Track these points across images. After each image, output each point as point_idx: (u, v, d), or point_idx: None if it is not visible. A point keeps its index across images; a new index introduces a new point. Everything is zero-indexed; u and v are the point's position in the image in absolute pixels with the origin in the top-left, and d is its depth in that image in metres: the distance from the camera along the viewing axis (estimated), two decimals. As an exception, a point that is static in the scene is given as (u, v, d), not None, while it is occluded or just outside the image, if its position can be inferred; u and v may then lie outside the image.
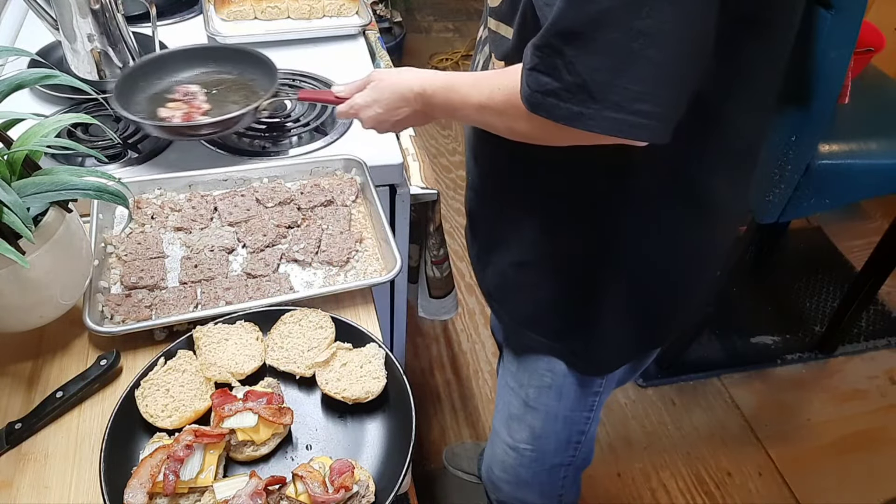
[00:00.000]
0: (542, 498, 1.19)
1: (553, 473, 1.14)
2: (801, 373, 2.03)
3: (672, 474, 1.77)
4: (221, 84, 1.12)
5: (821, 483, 1.76)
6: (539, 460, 1.11)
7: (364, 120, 0.91)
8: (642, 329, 0.92)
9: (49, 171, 0.73)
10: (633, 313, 0.89)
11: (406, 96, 0.84)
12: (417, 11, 3.61)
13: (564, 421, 1.05)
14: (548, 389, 1.01)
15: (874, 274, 1.85)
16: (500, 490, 1.21)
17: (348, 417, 0.76)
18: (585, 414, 1.05)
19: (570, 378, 0.98)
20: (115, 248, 0.92)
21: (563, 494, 1.19)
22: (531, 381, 1.03)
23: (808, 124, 1.44)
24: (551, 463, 1.12)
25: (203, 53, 1.15)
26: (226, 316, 0.82)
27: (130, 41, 1.24)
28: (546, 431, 1.07)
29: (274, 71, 1.08)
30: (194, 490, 0.66)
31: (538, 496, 1.19)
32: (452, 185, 2.61)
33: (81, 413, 0.76)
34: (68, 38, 1.17)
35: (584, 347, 0.93)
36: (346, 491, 0.65)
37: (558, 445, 1.09)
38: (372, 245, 0.97)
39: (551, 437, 1.08)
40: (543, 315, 0.93)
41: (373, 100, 0.88)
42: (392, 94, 0.86)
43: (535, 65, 0.62)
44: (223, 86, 1.12)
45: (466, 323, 2.15)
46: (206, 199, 1.00)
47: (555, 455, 1.11)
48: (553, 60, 0.61)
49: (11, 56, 0.79)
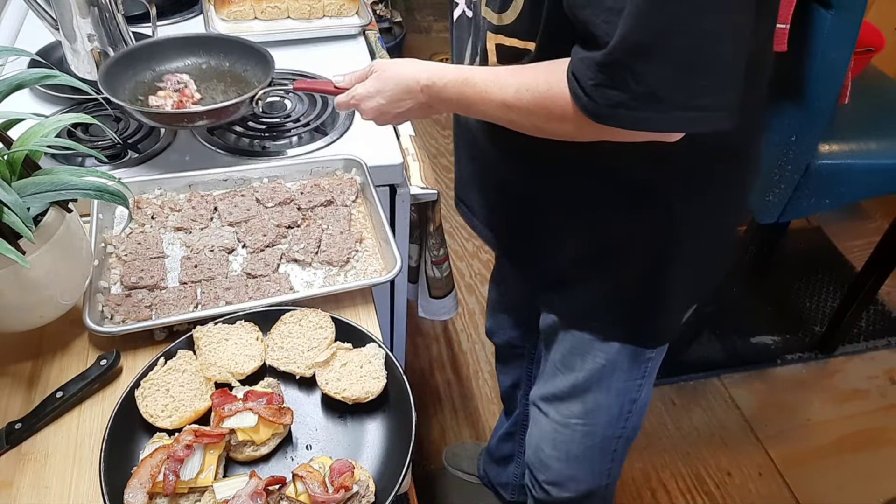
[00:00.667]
0: (592, 475, 1.18)
1: (605, 446, 1.13)
2: (801, 373, 2.03)
3: (672, 474, 1.77)
4: (214, 74, 1.11)
5: (821, 483, 1.76)
6: (591, 434, 1.10)
7: (365, 111, 0.89)
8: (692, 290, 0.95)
9: (49, 171, 0.73)
10: (687, 281, 0.91)
11: (411, 88, 0.83)
12: (417, 11, 3.61)
13: (617, 392, 1.04)
14: (601, 368, 1.01)
15: (874, 274, 1.85)
16: (550, 469, 1.18)
17: (348, 417, 0.76)
18: (638, 381, 1.04)
19: (624, 352, 0.98)
20: (115, 248, 0.92)
21: (612, 468, 1.18)
22: (583, 365, 1.02)
23: (808, 124, 1.44)
24: (603, 436, 1.11)
25: (195, 42, 1.15)
26: (226, 316, 0.82)
27: (131, 41, 1.23)
28: (599, 405, 1.06)
29: (270, 62, 1.08)
30: (194, 490, 0.66)
31: (588, 473, 1.17)
32: (452, 185, 2.61)
33: (81, 413, 0.76)
34: (68, 38, 1.17)
35: (647, 325, 0.95)
36: (346, 491, 0.65)
37: (610, 418, 1.08)
38: (372, 245, 0.97)
39: (603, 410, 1.07)
40: (606, 304, 0.93)
41: (376, 90, 0.86)
42: (396, 86, 0.84)
43: (601, 81, 0.63)
44: (216, 76, 1.11)
45: (466, 323, 2.15)
46: (206, 199, 1.00)
47: (607, 427, 1.09)
48: (622, 76, 0.61)
49: (11, 56, 0.79)
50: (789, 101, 1.45)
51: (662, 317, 0.95)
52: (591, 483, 1.18)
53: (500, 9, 0.76)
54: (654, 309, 0.93)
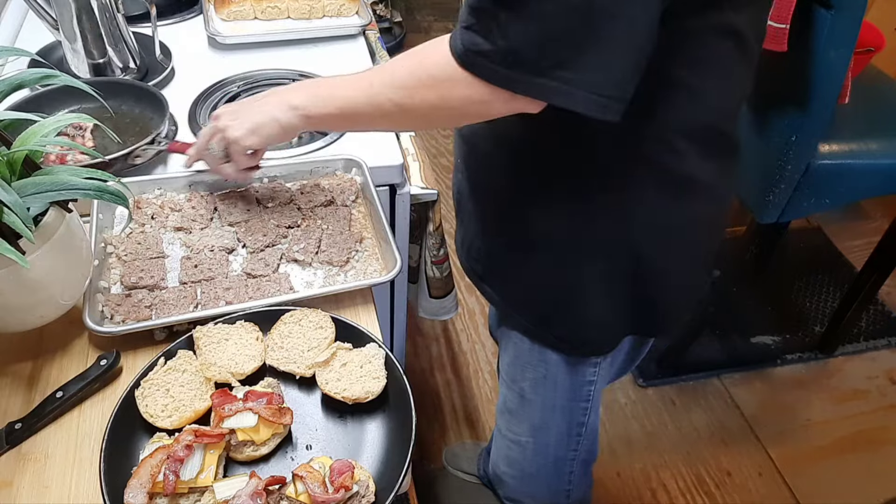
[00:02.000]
0: (550, 493, 1.19)
1: (558, 467, 1.14)
2: (801, 373, 2.03)
3: (672, 474, 1.77)
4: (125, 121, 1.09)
5: (821, 483, 1.76)
6: (542, 453, 1.11)
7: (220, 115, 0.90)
8: (629, 312, 0.91)
9: (49, 171, 0.73)
10: (615, 295, 0.88)
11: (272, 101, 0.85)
12: (417, 11, 3.61)
13: (562, 411, 1.05)
14: (542, 380, 1.01)
15: (874, 274, 1.85)
16: (507, 485, 1.21)
17: (348, 417, 0.76)
18: (583, 405, 1.05)
19: (563, 367, 0.98)
20: (115, 248, 0.92)
21: (571, 490, 1.19)
22: (525, 374, 1.03)
23: (808, 124, 1.44)
24: (555, 455, 1.12)
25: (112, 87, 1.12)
26: (226, 316, 0.82)
27: (130, 41, 1.24)
28: (545, 422, 1.07)
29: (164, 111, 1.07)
30: (194, 490, 0.66)
31: (545, 491, 1.19)
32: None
33: (81, 413, 0.76)
34: (68, 38, 1.17)
35: (568, 330, 0.93)
36: (346, 491, 0.65)
37: (559, 437, 1.09)
38: (372, 245, 0.97)
39: (551, 428, 1.08)
40: (531, 297, 0.93)
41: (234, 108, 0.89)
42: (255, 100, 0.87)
43: (470, 24, 0.64)
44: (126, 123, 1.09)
45: (466, 323, 2.15)
46: (206, 199, 1.00)
47: (557, 447, 1.11)
48: (488, 23, 0.62)
49: (11, 56, 0.79)
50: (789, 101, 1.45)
51: (583, 324, 0.92)
52: (550, 501, 1.20)
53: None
54: (573, 314, 0.91)
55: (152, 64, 1.28)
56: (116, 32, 1.20)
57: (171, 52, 1.30)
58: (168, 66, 1.26)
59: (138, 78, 1.24)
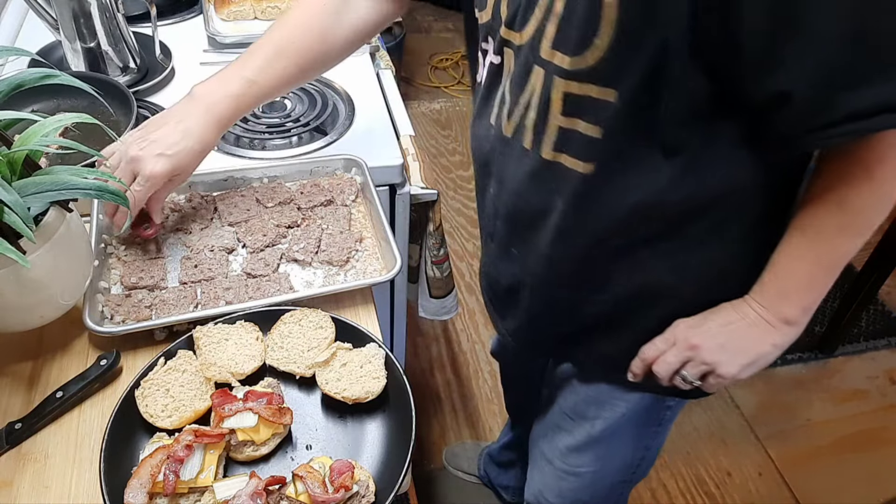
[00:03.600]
0: None
1: (612, 490, 1.07)
2: (801, 373, 2.03)
3: (672, 474, 1.77)
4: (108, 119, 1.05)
5: (821, 483, 1.76)
6: (601, 480, 1.04)
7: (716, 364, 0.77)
8: None
9: (49, 171, 0.73)
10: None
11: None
12: (417, 11, 3.61)
13: (633, 438, 0.98)
14: (619, 419, 0.94)
15: (874, 274, 1.85)
16: None
17: (348, 417, 0.76)
18: (654, 429, 0.98)
19: (646, 400, 0.91)
20: (116, 249, 0.92)
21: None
22: (600, 413, 0.94)
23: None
24: (612, 482, 1.05)
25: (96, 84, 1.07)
26: (226, 316, 0.82)
27: (130, 41, 1.24)
28: (612, 454, 1.00)
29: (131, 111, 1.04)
30: (194, 490, 0.66)
31: None
32: (452, 185, 2.61)
33: (81, 413, 0.76)
34: (68, 38, 1.17)
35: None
36: (346, 491, 0.65)
37: (623, 465, 1.02)
38: (372, 245, 0.97)
39: (617, 458, 1.01)
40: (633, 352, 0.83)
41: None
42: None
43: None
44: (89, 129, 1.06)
45: (466, 323, 2.15)
46: (206, 199, 1.00)
47: (617, 474, 1.04)
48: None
49: (11, 56, 0.79)
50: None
51: None
52: None
53: (575, 50, 0.63)
54: None
55: (152, 64, 1.28)
56: (116, 32, 1.20)
57: (172, 53, 1.30)
58: (168, 66, 1.26)
59: (138, 78, 1.24)
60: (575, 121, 0.68)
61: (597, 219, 0.73)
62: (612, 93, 0.63)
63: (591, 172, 0.69)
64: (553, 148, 0.71)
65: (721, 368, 0.75)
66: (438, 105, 3.08)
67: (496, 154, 0.80)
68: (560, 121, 0.68)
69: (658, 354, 0.79)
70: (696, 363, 0.76)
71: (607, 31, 0.60)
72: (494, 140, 0.79)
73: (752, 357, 0.75)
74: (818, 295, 0.73)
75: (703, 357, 0.76)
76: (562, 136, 0.69)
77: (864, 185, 0.64)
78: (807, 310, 0.73)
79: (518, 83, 0.71)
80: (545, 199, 0.75)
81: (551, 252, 0.79)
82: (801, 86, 0.58)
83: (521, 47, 0.69)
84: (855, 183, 0.65)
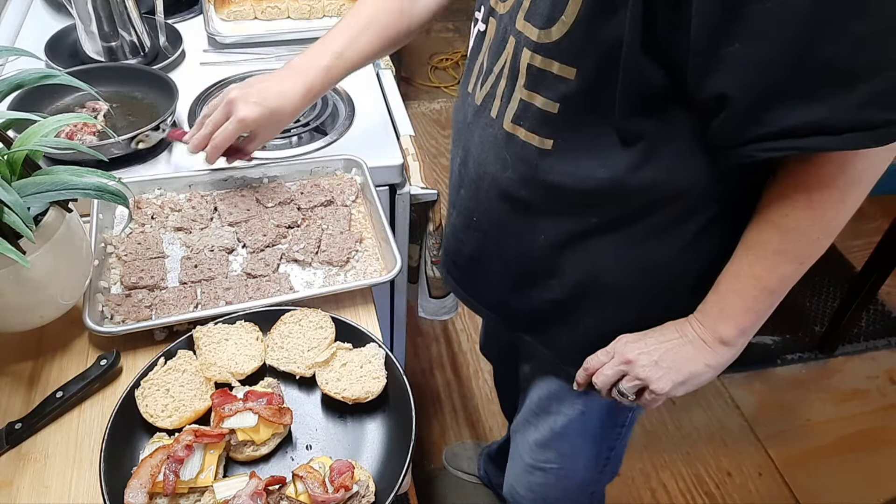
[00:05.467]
0: None
1: (582, 489, 1.09)
2: (801, 373, 2.03)
3: (672, 474, 1.77)
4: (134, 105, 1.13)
5: (821, 483, 1.76)
6: (568, 478, 1.06)
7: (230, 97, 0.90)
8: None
9: (49, 171, 0.73)
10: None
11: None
12: (417, 11, 3.60)
13: (594, 439, 1.00)
14: (580, 416, 0.96)
15: (874, 274, 1.85)
16: None
17: (348, 417, 0.76)
18: (617, 429, 1.00)
19: (604, 402, 0.92)
20: (116, 248, 0.92)
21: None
22: (561, 409, 0.97)
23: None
24: (581, 480, 1.07)
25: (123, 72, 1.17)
26: (226, 316, 0.82)
27: (142, 24, 1.27)
28: (576, 451, 1.02)
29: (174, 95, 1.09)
30: (194, 490, 0.66)
31: None
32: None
33: (81, 413, 0.76)
34: (83, 20, 1.20)
35: None
36: (346, 491, 0.65)
37: (588, 463, 1.04)
38: (372, 245, 0.97)
39: (581, 456, 1.03)
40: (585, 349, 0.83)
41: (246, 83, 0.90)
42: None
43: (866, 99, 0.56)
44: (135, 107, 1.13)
45: (466, 323, 2.15)
46: (206, 199, 1.00)
47: (585, 472, 1.05)
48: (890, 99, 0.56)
49: (12, 56, 0.79)
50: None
51: None
52: None
53: (543, 23, 0.65)
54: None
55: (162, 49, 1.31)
56: (127, 16, 1.23)
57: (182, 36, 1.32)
58: (178, 49, 1.28)
59: (146, 62, 1.27)
60: (534, 95, 0.69)
61: (552, 197, 0.74)
62: (572, 71, 0.65)
63: (549, 149, 0.71)
64: (512, 119, 0.73)
65: (654, 385, 0.75)
66: (438, 105, 3.08)
67: (467, 123, 0.83)
68: (523, 93, 0.70)
69: (599, 366, 0.79)
70: (630, 378, 0.76)
71: (573, 9, 0.62)
72: (468, 108, 0.82)
73: (685, 375, 0.75)
74: (756, 318, 0.72)
75: (637, 372, 0.76)
76: (522, 108, 0.71)
77: (803, 210, 0.64)
78: (744, 332, 0.73)
79: (495, 51, 0.74)
80: (502, 169, 0.77)
81: (507, 224, 0.81)
82: (739, 91, 0.58)
83: (502, 16, 0.72)
84: (796, 206, 0.64)
